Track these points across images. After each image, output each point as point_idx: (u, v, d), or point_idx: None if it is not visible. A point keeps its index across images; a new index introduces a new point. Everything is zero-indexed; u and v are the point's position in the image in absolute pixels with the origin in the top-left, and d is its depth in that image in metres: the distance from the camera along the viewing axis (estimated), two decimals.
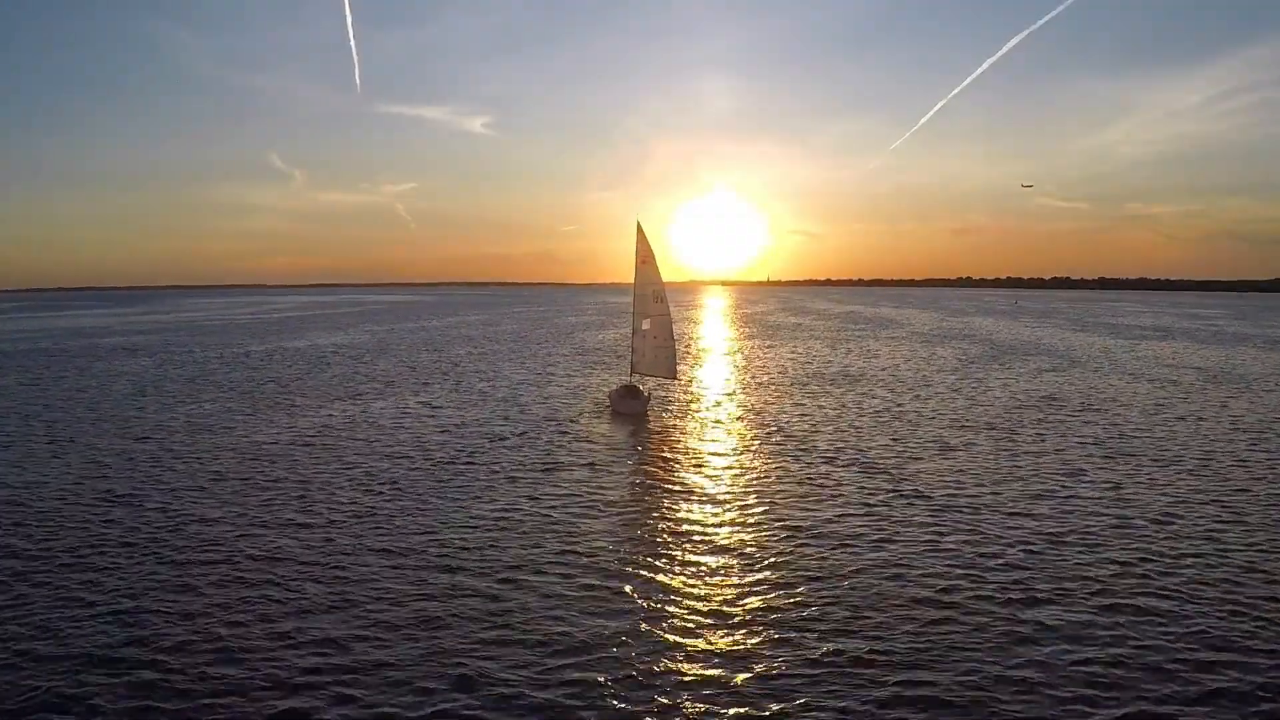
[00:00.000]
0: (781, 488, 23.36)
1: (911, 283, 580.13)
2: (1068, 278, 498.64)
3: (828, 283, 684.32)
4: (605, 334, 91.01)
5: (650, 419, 35.22)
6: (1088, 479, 23.83)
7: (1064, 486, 22.93)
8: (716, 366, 55.60)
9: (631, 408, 36.92)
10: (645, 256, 38.75)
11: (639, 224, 38.52)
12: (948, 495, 22.09)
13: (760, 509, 21.29)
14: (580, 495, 22.81)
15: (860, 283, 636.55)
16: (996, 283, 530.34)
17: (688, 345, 73.76)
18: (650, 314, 39.02)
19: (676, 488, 23.89)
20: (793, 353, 65.56)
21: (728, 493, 23.16)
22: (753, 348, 71.73)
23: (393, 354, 65.29)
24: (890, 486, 23.10)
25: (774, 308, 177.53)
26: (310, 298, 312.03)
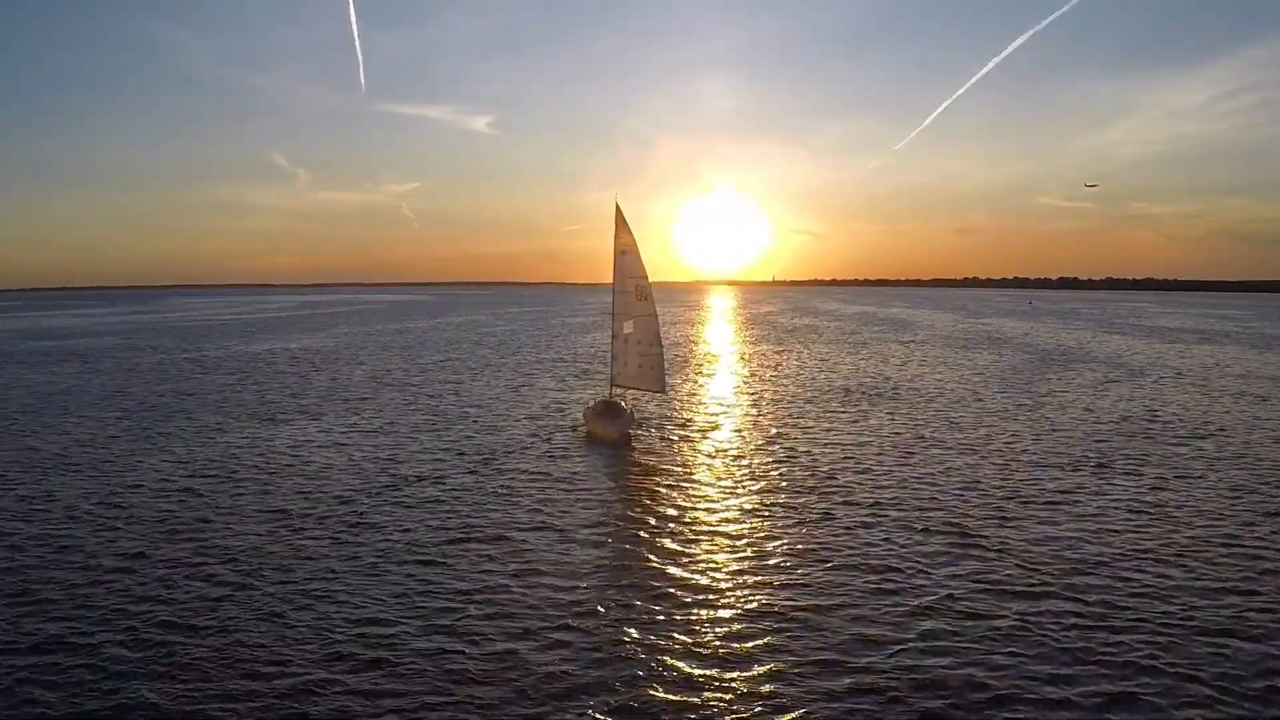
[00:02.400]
0: (804, 548, 16.55)
1: (917, 283, 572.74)
2: (1075, 278, 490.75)
3: (833, 283, 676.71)
4: (599, 336, 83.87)
5: (632, 444, 28.32)
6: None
7: (1255, 573, 15.65)
8: (717, 378, 47.86)
9: (610, 430, 29.96)
10: (625, 245, 31.73)
11: (618, 206, 31.59)
12: (1065, 579, 14.93)
13: (772, 582, 14.64)
14: (526, 556, 16.36)
15: (865, 283, 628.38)
16: (1003, 283, 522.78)
17: (685, 351, 66.51)
18: (633, 314, 32.02)
19: (659, 542, 17.55)
20: (808, 360, 57.78)
21: (729, 552, 16.61)
22: (761, 354, 63.97)
23: (356, 361, 58.30)
24: (965, 558, 15.98)
25: (781, 308, 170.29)
26: (305, 297, 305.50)
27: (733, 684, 11.44)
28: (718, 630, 13.13)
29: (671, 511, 20.34)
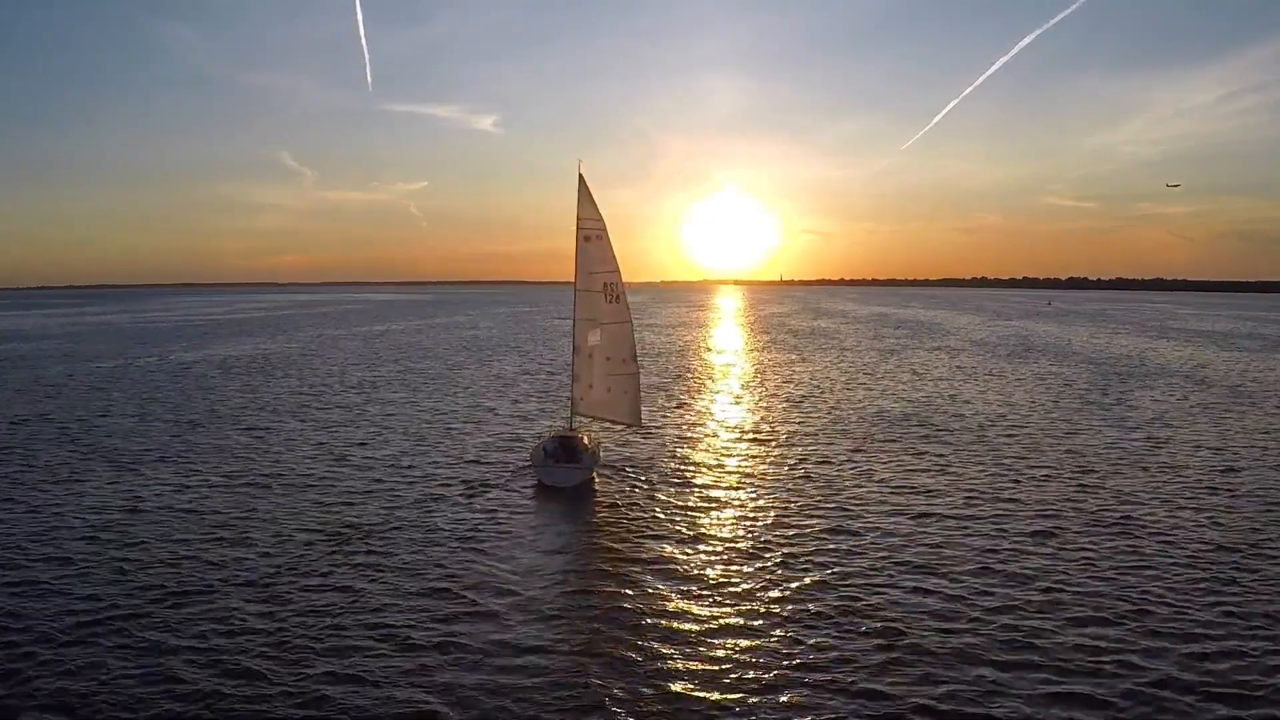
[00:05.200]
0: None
1: (925, 282, 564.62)
2: (1084, 278, 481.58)
3: (841, 282, 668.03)
4: None
5: (594, 498, 20.42)
6: None
7: None
8: (715, 403, 37.58)
9: (564, 477, 21.79)
10: (591, 226, 23.44)
11: (581, 177, 23.26)
12: None
13: None
14: (429, 661, 12.12)
15: (874, 282, 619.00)
16: (1011, 282, 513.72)
17: (676, 364, 57.32)
18: (601, 321, 23.79)
19: (611, 644, 12.77)
20: (830, 375, 47.72)
21: (707, 665, 11.65)
22: (772, 366, 53.76)
23: (298, 372, 49.95)
24: None
25: (792, 309, 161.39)
26: (300, 296, 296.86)
27: None
28: None
29: (637, 594, 14.52)
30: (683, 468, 23.70)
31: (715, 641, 12.72)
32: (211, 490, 21.27)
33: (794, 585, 14.81)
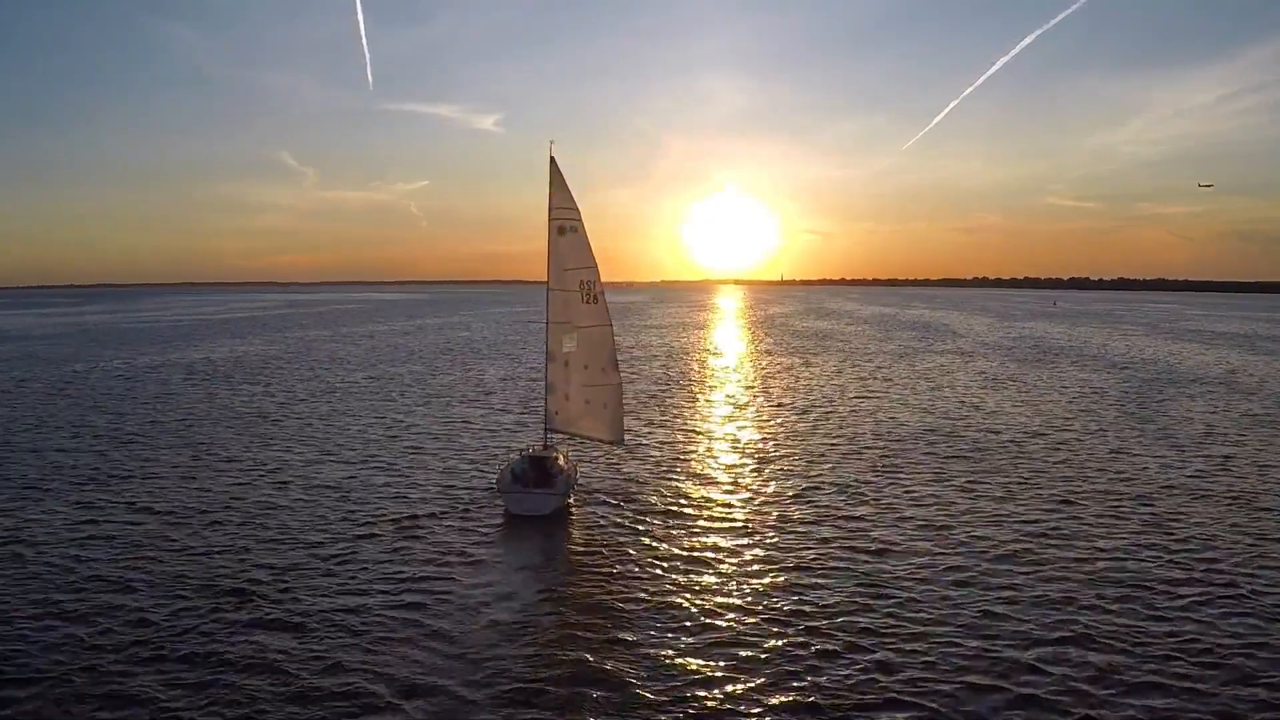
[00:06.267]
0: None
1: (926, 282, 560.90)
2: (1086, 278, 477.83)
3: (842, 282, 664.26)
4: None
5: (569, 531, 17.59)
6: None
7: None
8: (709, 415, 34.19)
9: (535, 505, 18.72)
10: (566, 218, 20.30)
11: (553, 159, 20.14)
12: None
13: None
14: None
15: (875, 282, 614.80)
16: (1013, 282, 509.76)
17: (667, 371, 53.39)
18: (578, 324, 20.55)
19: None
20: (837, 382, 44.18)
21: None
22: (774, 372, 50.23)
23: (267, 378, 46.75)
24: None
25: (793, 309, 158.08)
26: (297, 296, 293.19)
27: None
28: None
29: (619, 654, 11.94)
30: (672, 495, 20.45)
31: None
32: (117, 522, 18.08)
33: (811, 651, 11.65)
